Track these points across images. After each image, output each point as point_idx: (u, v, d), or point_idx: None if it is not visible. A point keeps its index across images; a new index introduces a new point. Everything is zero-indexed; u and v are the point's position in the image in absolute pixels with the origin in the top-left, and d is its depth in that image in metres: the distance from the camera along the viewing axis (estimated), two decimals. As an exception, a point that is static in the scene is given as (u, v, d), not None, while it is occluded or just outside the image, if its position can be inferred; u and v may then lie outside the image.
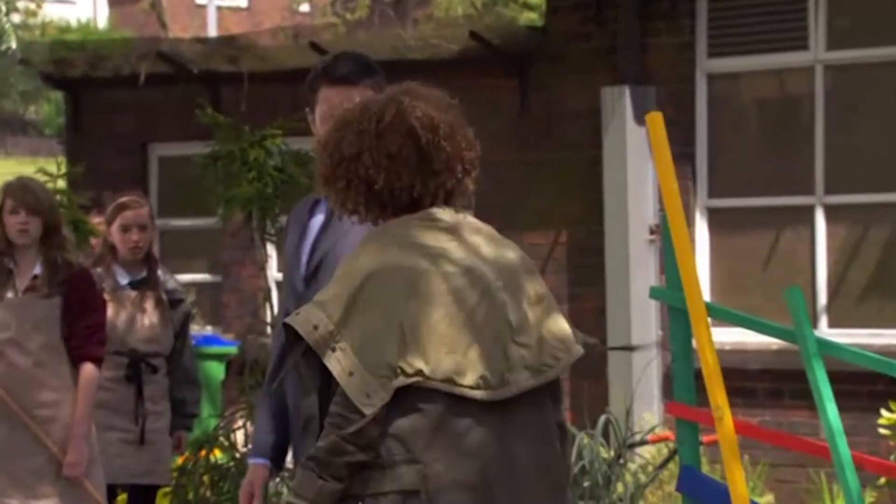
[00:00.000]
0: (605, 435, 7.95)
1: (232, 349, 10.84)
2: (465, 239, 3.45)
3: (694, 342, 4.08)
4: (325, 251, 4.00)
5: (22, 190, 5.92)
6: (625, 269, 9.84)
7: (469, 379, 3.28)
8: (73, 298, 5.86)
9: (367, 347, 3.30)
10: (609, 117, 9.91)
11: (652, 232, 9.91)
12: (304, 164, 6.93)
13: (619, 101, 9.85)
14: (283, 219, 7.41)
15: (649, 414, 9.64)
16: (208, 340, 10.87)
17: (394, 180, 3.44)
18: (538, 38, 10.46)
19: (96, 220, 8.17)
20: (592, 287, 10.09)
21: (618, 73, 9.96)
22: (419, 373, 3.28)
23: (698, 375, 4.11)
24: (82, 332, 5.86)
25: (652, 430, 8.46)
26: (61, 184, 8.56)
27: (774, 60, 9.78)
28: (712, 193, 9.92)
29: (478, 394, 3.31)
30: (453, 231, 3.45)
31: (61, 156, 11.01)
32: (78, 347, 5.86)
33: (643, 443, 7.89)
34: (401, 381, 3.28)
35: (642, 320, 9.87)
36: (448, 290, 3.34)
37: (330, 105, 3.92)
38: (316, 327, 3.33)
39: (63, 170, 8.66)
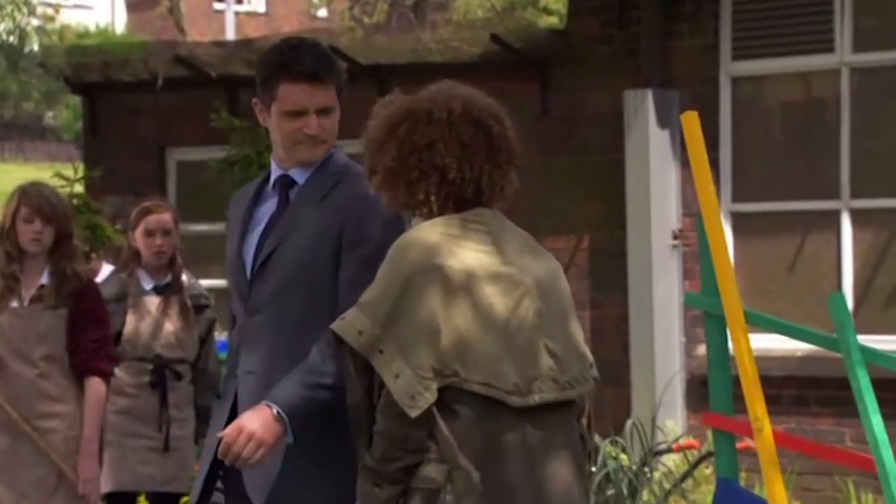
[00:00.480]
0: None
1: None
2: (506, 244, 3.45)
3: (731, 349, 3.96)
4: (276, 243, 3.90)
5: (38, 198, 5.79)
6: (647, 275, 9.75)
7: (504, 383, 3.30)
8: (79, 311, 5.77)
9: (411, 349, 3.30)
10: (631, 120, 9.83)
11: (675, 237, 9.84)
12: None
13: (642, 105, 9.77)
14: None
15: (672, 422, 9.52)
16: (226, 346, 10.77)
17: (466, 170, 3.44)
18: (560, 41, 10.39)
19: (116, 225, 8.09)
20: (614, 293, 10.00)
21: (640, 76, 9.88)
22: (455, 374, 3.29)
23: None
24: (89, 345, 5.76)
25: (678, 439, 8.34)
26: (78, 188, 8.49)
27: (800, 63, 9.68)
28: (736, 198, 9.82)
29: (513, 399, 3.32)
30: (495, 235, 3.45)
31: (79, 161, 10.94)
32: (84, 361, 5.77)
33: (668, 451, 7.77)
34: (439, 381, 3.29)
35: (665, 326, 9.78)
36: (486, 294, 3.33)
37: (295, 103, 3.81)
38: (361, 332, 3.33)
39: (80, 174, 8.59)
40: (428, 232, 3.42)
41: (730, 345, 4.28)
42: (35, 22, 29.52)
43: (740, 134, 9.80)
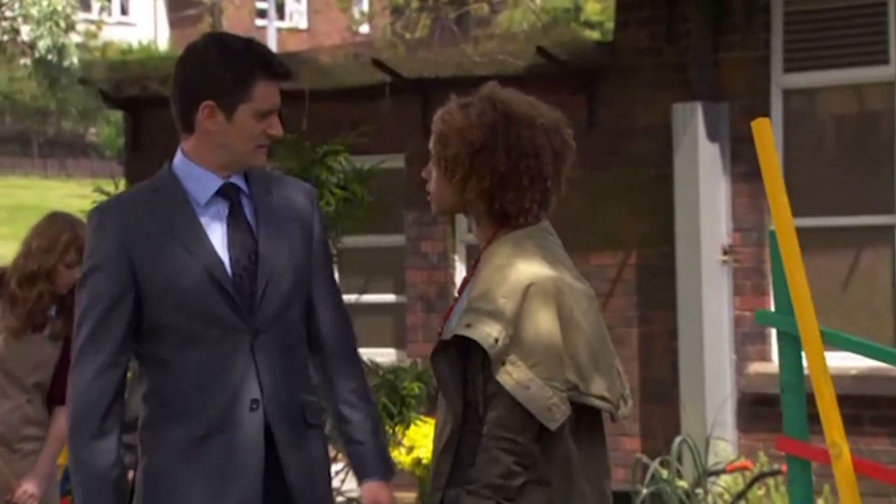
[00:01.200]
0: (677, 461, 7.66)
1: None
2: (567, 258, 3.50)
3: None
4: (272, 256, 3.61)
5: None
6: (697, 291, 9.59)
7: (614, 397, 3.34)
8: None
9: (544, 360, 3.27)
10: (680, 134, 9.69)
11: (725, 252, 9.69)
12: (367, 182, 6.68)
13: (691, 118, 9.62)
14: (346, 239, 7.17)
15: (724, 441, 9.36)
16: None
17: (559, 178, 3.44)
18: (607, 54, 10.26)
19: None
20: (663, 309, 9.86)
21: (689, 89, 9.74)
22: (575, 387, 3.30)
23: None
24: None
25: (736, 460, 8.14)
26: None
27: (853, 75, 9.53)
28: None
29: (621, 412, 3.38)
30: (562, 248, 3.47)
31: (121, 177, 10.84)
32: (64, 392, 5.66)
33: (720, 471, 7.59)
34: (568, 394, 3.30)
35: (715, 344, 9.62)
36: (579, 309, 3.35)
37: (270, 103, 3.59)
38: (497, 340, 3.28)
39: (121, 189, 8.45)
40: (531, 243, 3.39)
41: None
42: (76, 38, 29.59)
43: (791, 148, 9.64)
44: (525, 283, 3.31)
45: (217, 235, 3.59)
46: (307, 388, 3.69)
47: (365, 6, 30.08)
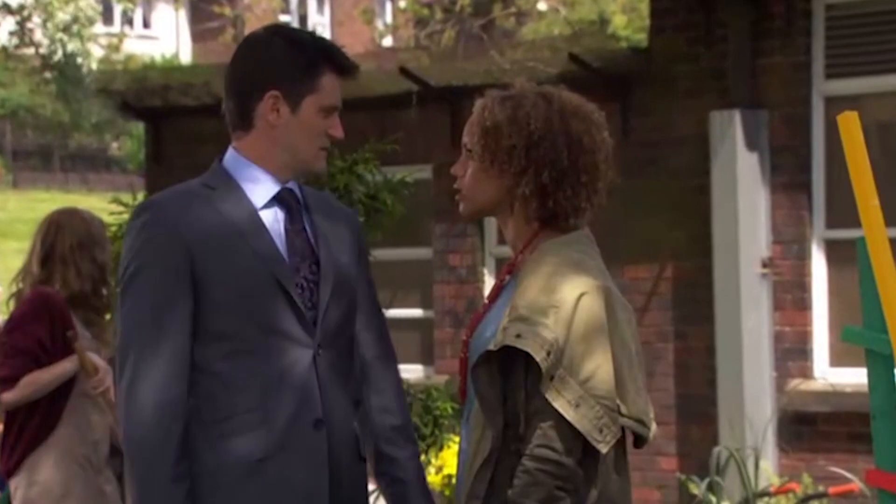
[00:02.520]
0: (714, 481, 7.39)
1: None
2: None
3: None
4: (333, 268, 3.34)
5: None
6: (736, 306, 9.37)
7: (648, 420, 3.19)
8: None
9: (595, 376, 3.08)
10: (718, 143, 9.47)
11: (764, 265, 9.47)
12: (398, 192, 6.39)
13: (729, 126, 9.41)
14: (376, 252, 6.93)
15: (765, 462, 9.12)
16: None
17: (608, 179, 3.32)
18: (642, 60, 10.03)
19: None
20: (700, 325, 9.64)
21: (727, 96, 9.53)
22: (618, 408, 3.13)
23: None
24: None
25: (784, 482, 7.87)
26: None
27: (897, 81, 9.33)
28: (830, 224, 9.45)
29: (652, 437, 3.22)
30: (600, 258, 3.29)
31: (142, 190, 10.68)
32: None
33: (767, 493, 7.30)
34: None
35: (755, 360, 9.39)
36: (622, 320, 3.19)
37: (335, 98, 3.30)
38: (549, 353, 3.06)
39: (139, 200, 8.19)
40: (576, 250, 3.21)
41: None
42: (98, 52, 29.50)
43: (834, 157, 9.40)
44: (577, 292, 3.10)
45: (278, 240, 3.29)
46: (356, 417, 3.39)
47: (389, 18, 29.96)
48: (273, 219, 3.31)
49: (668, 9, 9.86)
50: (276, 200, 3.32)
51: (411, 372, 10.14)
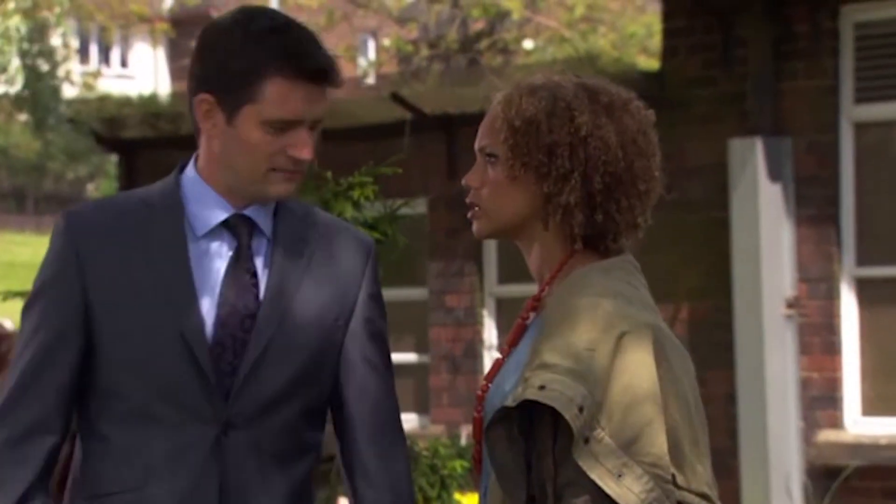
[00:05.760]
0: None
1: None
2: None
3: None
4: (273, 326, 2.70)
5: None
6: (759, 349, 9.10)
7: (715, 493, 2.66)
8: None
9: (643, 438, 2.53)
10: (738, 173, 9.19)
11: (789, 305, 9.17)
12: (399, 220, 5.80)
13: (750, 155, 9.13)
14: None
15: (794, 519, 8.95)
16: None
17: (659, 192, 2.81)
18: (654, 84, 9.68)
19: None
20: (719, 370, 9.32)
21: (748, 123, 9.27)
22: (673, 479, 2.58)
23: None
24: None
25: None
26: None
27: (933, 106, 9.18)
28: (861, 261, 9.17)
29: None
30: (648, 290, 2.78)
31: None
32: None
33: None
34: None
35: (780, 409, 9.11)
36: (684, 367, 2.66)
37: (288, 111, 2.67)
38: (581, 409, 2.50)
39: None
40: (618, 275, 2.68)
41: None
42: (72, 92, 29.35)
43: (865, 188, 9.17)
44: (617, 331, 2.56)
45: (207, 284, 2.70)
46: None
47: (372, 55, 29.76)
48: (214, 254, 2.71)
49: (683, 28, 9.60)
50: (227, 229, 2.72)
51: (405, 422, 9.58)
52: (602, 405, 2.51)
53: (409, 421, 10.47)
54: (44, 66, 25.53)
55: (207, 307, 2.66)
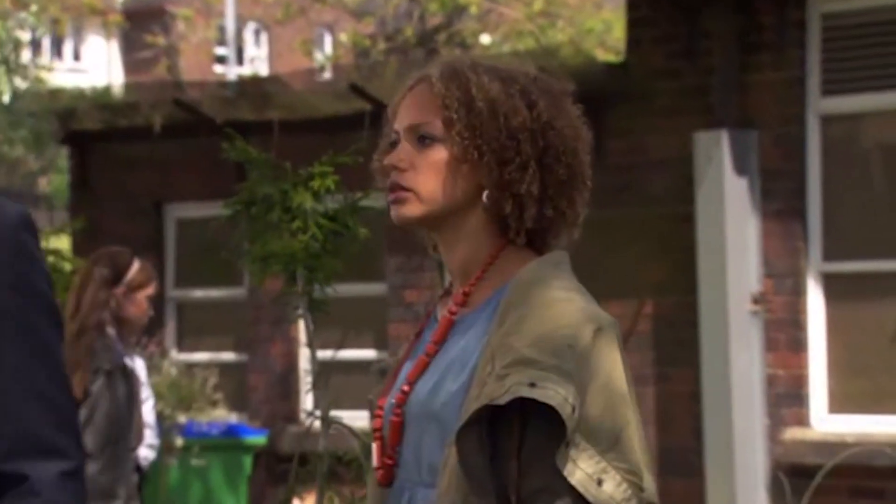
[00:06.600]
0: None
1: (260, 439, 10.25)
2: None
3: None
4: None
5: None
6: (723, 346, 8.99)
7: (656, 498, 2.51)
8: None
9: (620, 443, 2.41)
10: (703, 167, 9.08)
11: (755, 301, 9.07)
12: (360, 212, 5.59)
13: (716, 148, 9.02)
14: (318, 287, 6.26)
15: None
16: (233, 430, 10.19)
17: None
18: (617, 77, 9.57)
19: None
20: (684, 367, 9.27)
21: (713, 116, 9.17)
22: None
23: None
24: None
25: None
26: (57, 243, 7.63)
27: (900, 98, 9.07)
28: (827, 256, 9.07)
29: None
30: None
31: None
32: None
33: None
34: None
35: (745, 406, 9.00)
36: (627, 364, 2.54)
37: None
38: (574, 408, 2.36)
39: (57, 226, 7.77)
40: (566, 269, 2.54)
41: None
42: (23, 85, 29.11)
43: (831, 182, 9.06)
44: (592, 325, 2.42)
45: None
46: None
47: (328, 49, 29.68)
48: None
49: (646, 19, 9.47)
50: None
51: (363, 419, 9.47)
52: (581, 406, 2.37)
53: (366, 419, 10.34)
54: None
55: None
